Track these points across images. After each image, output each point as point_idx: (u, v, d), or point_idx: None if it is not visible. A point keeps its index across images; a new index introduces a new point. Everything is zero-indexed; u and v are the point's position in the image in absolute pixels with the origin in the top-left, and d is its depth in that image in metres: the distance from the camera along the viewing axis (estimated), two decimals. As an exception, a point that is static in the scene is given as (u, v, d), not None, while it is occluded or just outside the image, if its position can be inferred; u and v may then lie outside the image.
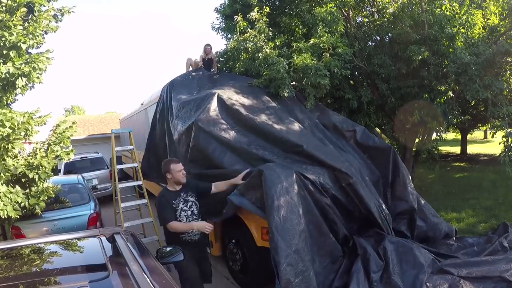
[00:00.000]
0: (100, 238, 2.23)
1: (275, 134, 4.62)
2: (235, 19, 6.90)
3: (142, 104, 9.16)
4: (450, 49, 6.47)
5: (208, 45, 7.25)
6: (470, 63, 5.77)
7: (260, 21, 6.49)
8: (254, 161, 4.32)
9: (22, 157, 4.92)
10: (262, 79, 5.99)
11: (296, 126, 5.06)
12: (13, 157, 4.68)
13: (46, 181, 4.91)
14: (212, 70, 7.29)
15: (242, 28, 6.74)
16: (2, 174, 4.28)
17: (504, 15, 7.44)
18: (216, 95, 5.30)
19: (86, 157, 11.27)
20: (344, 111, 7.72)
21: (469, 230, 5.70)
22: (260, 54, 6.12)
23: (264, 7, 6.85)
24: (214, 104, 5.15)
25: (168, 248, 2.70)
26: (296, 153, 4.36)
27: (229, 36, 9.85)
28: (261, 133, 4.74)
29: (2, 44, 4.14)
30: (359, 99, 7.29)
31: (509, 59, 5.99)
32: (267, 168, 3.72)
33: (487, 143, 20.76)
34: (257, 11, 6.61)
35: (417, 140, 7.93)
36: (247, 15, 6.81)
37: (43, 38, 4.82)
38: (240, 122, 4.96)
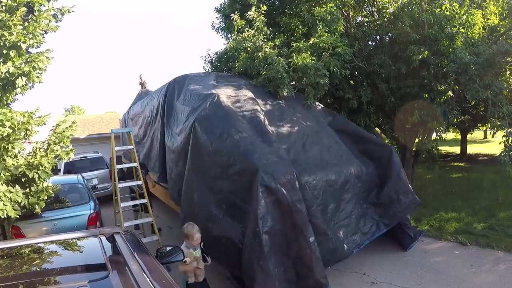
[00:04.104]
0: (100, 238, 2.22)
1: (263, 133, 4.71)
2: (231, 17, 6.92)
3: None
4: (450, 49, 6.47)
5: (141, 74, 11.43)
6: (470, 63, 5.77)
7: (258, 19, 6.49)
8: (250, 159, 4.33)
9: (22, 156, 4.91)
10: (261, 79, 5.99)
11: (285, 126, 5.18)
12: (13, 157, 4.67)
13: (46, 181, 4.90)
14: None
15: (240, 27, 6.74)
16: (2, 174, 4.27)
17: (504, 15, 7.43)
18: (216, 95, 5.32)
19: (86, 156, 11.26)
20: (344, 111, 7.73)
21: (468, 230, 5.70)
22: (259, 54, 6.12)
23: (262, 5, 6.85)
24: (213, 104, 5.16)
25: (168, 248, 2.71)
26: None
27: (229, 35, 9.86)
28: (258, 132, 4.77)
29: (2, 43, 4.13)
30: (359, 99, 7.29)
31: (509, 59, 5.99)
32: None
33: (487, 143, 20.76)
34: (255, 10, 6.61)
35: (417, 140, 7.93)
36: (244, 14, 6.82)
37: (43, 37, 4.80)
38: (239, 121, 4.97)
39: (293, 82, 6.18)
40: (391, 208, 4.88)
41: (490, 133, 9.35)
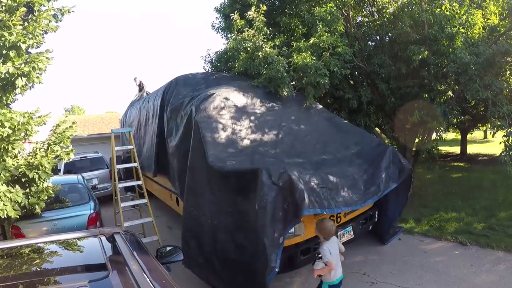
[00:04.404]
0: (100, 238, 2.22)
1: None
2: (231, 17, 6.92)
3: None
4: (450, 49, 6.46)
5: (135, 77, 11.06)
6: (470, 63, 5.77)
7: (258, 19, 6.49)
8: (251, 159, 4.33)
9: (22, 157, 4.92)
10: (262, 79, 5.99)
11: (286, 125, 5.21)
12: (13, 157, 4.67)
13: (46, 181, 4.90)
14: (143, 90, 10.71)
15: (239, 27, 6.74)
16: (2, 174, 4.27)
17: (504, 15, 7.43)
18: (216, 95, 5.33)
19: (86, 156, 11.26)
20: (344, 111, 7.72)
21: (468, 230, 5.71)
22: (259, 53, 6.12)
23: (261, 5, 6.84)
24: (213, 104, 5.18)
25: (168, 248, 2.71)
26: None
27: (229, 35, 9.86)
28: (258, 132, 4.77)
29: (2, 44, 4.13)
30: (359, 99, 7.28)
31: (509, 59, 5.98)
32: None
33: (487, 143, 20.74)
34: (255, 10, 6.61)
35: (417, 140, 7.93)
36: (244, 14, 6.82)
37: (43, 38, 4.80)
38: (238, 121, 4.99)
39: (293, 82, 6.18)
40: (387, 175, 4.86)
41: (490, 133, 9.36)
